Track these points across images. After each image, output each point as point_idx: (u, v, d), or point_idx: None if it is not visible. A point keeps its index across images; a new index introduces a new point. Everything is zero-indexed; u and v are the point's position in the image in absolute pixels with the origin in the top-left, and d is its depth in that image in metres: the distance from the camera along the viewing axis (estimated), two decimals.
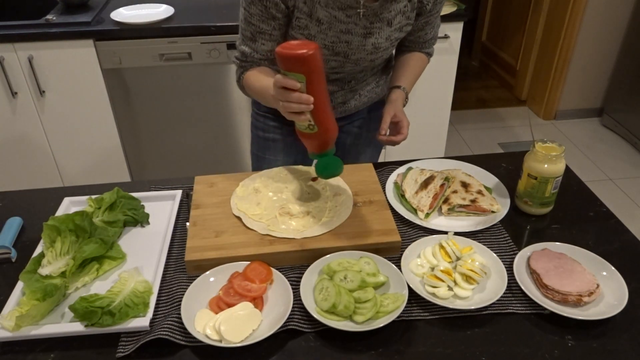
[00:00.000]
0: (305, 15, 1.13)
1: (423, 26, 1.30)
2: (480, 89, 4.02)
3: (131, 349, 0.85)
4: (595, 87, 3.43)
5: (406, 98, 1.32)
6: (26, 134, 2.30)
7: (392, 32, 1.20)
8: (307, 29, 1.15)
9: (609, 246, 1.06)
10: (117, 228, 1.09)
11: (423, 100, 2.52)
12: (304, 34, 1.16)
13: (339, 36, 1.16)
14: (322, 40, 1.16)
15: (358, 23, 1.15)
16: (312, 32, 1.15)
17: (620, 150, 3.20)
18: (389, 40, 1.21)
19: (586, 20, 3.15)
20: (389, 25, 1.18)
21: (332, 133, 1.03)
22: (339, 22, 1.14)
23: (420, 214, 1.12)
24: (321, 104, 0.96)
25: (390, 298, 0.91)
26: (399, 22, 1.19)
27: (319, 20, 1.13)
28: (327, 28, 1.15)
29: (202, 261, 0.99)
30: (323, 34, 1.15)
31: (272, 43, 1.19)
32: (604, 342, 0.87)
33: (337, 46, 1.18)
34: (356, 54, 1.20)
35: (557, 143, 1.12)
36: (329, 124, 1.01)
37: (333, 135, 1.04)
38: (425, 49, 1.38)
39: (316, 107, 0.94)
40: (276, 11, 1.13)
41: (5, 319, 0.88)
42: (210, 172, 1.24)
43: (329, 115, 1.01)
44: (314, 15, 1.13)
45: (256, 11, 1.13)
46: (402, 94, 1.30)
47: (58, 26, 2.10)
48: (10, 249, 1.05)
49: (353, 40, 1.17)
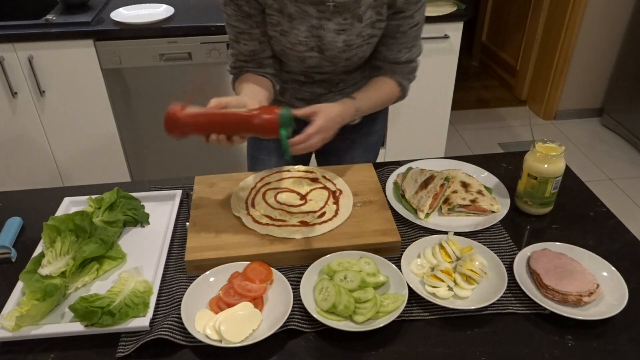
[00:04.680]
0: (277, 12, 1.13)
1: (395, 32, 1.19)
2: (480, 89, 4.02)
3: (131, 349, 0.85)
4: (595, 87, 3.43)
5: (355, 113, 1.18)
6: (26, 134, 2.30)
7: (363, 28, 1.16)
8: (279, 25, 1.15)
9: (609, 246, 1.06)
10: (117, 228, 1.09)
11: (423, 100, 2.52)
12: (278, 30, 1.16)
13: (311, 31, 1.15)
14: (296, 36, 1.16)
15: (331, 18, 1.13)
16: (285, 27, 1.15)
17: (620, 150, 3.20)
18: (361, 37, 1.17)
19: (586, 20, 3.15)
20: (360, 21, 1.14)
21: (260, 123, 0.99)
22: (310, 17, 1.13)
23: (420, 214, 1.12)
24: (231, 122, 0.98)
25: (390, 298, 0.91)
26: (370, 18, 1.15)
27: (290, 16, 1.13)
28: (299, 23, 1.14)
29: (202, 261, 0.99)
30: (296, 30, 1.15)
31: (254, 42, 1.19)
32: (604, 342, 0.87)
33: (310, 41, 1.16)
34: (330, 51, 1.18)
35: (557, 143, 1.12)
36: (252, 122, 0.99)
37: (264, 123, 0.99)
38: (397, 74, 1.26)
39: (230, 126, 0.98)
40: (249, 8, 1.13)
41: (5, 319, 0.88)
42: (210, 172, 1.24)
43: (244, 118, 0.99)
44: (284, 11, 1.13)
45: (231, 11, 1.14)
46: (349, 105, 1.16)
47: (58, 26, 2.10)
48: (10, 249, 1.05)
49: (326, 36, 1.15)
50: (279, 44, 1.19)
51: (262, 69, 1.24)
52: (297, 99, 1.35)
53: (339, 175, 1.21)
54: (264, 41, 1.20)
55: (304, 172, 1.23)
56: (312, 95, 1.33)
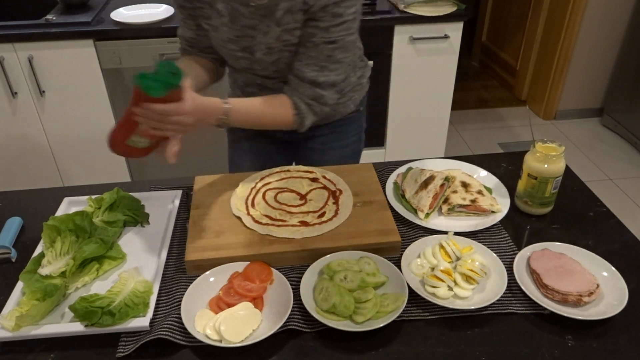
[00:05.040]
0: (207, 6, 1.14)
1: (306, 41, 1.10)
2: (480, 89, 4.02)
3: (131, 349, 0.85)
4: (595, 87, 3.43)
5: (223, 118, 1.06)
6: (26, 134, 2.30)
7: (281, 33, 1.11)
8: (210, 19, 1.15)
9: (609, 246, 1.06)
10: (117, 228, 1.09)
11: (423, 100, 2.52)
12: (210, 24, 1.16)
13: (243, 30, 1.13)
14: (227, 33, 1.15)
15: (260, 20, 1.11)
16: (216, 23, 1.15)
17: (620, 150, 3.20)
18: (280, 42, 1.12)
19: (586, 20, 3.15)
20: (278, 25, 1.10)
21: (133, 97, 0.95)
22: (242, 16, 1.11)
23: (420, 214, 1.12)
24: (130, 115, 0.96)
25: (390, 298, 0.91)
26: (288, 23, 1.09)
27: (218, 12, 1.13)
28: (229, 21, 1.13)
29: (202, 261, 0.99)
30: (226, 27, 1.14)
31: (190, 32, 1.21)
32: (604, 342, 0.87)
33: (242, 41, 1.15)
34: (257, 53, 1.16)
35: (557, 143, 1.12)
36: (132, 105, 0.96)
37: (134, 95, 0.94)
38: (297, 94, 1.14)
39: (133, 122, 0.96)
40: (183, 0, 1.15)
41: (5, 319, 0.88)
42: (210, 172, 1.23)
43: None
44: (214, 5, 1.13)
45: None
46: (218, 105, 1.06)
47: (58, 26, 2.10)
48: (10, 249, 1.05)
49: (257, 36, 1.13)
50: (213, 39, 1.20)
51: (204, 54, 1.26)
52: None
53: (339, 175, 1.21)
54: (199, 34, 1.21)
55: (304, 172, 1.23)
56: None
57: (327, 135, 1.40)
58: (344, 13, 1.05)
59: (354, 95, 1.38)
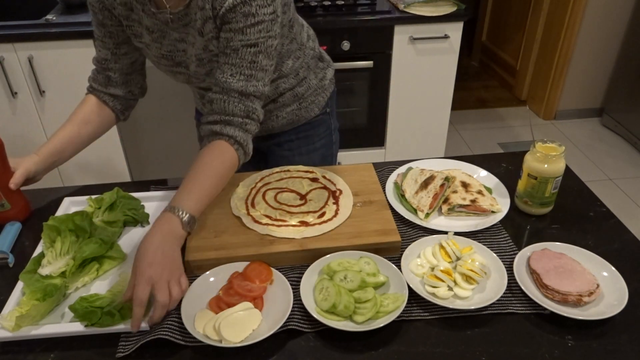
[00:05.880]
0: (137, 23, 1.11)
1: (225, 47, 1.03)
2: (480, 89, 4.02)
3: (131, 349, 0.85)
4: (595, 87, 3.43)
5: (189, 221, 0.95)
6: (26, 134, 2.30)
7: (206, 42, 1.07)
8: (142, 37, 1.13)
9: (609, 246, 1.06)
10: (117, 228, 1.09)
11: (423, 100, 2.52)
12: (142, 42, 1.14)
13: (175, 45, 1.11)
14: (158, 49, 1.13)
15: (188, 32, 1.08)
16: (146, 40, 1.13)
17: (620, 150, 3.20)
18: (208, 52, 1.08)
19: (586, 20, 3.15)
20: (201, 34, 1.06)
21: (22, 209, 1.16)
22: (171, 29, 1.09)
23: (420, 214, 1.12)
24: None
25: (390, 298, 0.91)
26: (209, 32, 1.05)
27: (148, 28, 1.11)
28: (160, 37, 1.11)
29: (202, 261, 0.99)
30: (157, 43, 1.12)
31: (106, 51, 1.17)
32: (604, 342, 0.87)
33: (175, 55, 1.13)
34: (190, 66, 1.14)
35: (557, 143, 1.12)
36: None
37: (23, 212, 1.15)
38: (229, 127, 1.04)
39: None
40: (103, 17, 1.11)
41: (5, 319, 0.88)
42: None
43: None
44: (142, 22, 1.10)
45: (91, 16, 1.14)
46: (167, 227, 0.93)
47: (58, 26, 2.10)
48: (8, 254, 1.04)
49: (188, 49, 1.11)
50: (148, 57, 1.18)
51: (108, 88, 1.21)
52: None
53: (339, 175, 1.21)
54: (117, 53, 1.17)
55: (304, 172, 1.23)
56: None
57: (294, 141, 1.37)
58: (256, 13, 1.00)
59: (316, 99, 1.35)
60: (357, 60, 2.34)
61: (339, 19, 2.23)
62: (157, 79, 2.24)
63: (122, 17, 1.11)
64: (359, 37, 2.30)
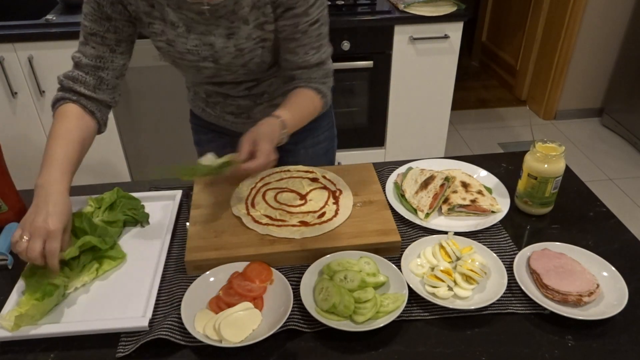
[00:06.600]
0: (159, 20, 1.09)
1: (294, 33, 1.10)
2: (480, 89, 4.02)
3: (131, 349, 0.85)
4: (595, 87, 3.43)
5: (284, 130, 1.07)
6: (26, 134, 2.30)
7: (252, 31, 1.09)
8: (164, 34, 1.11)
9: (609, 246, 1.06)
10: (117, 228, 1.09)
11: (423, 100, 2.52)
12: (164, 40, 1.12)
13: (201, 39, 1.10)
14: (183, 44, 1.11)
15: (218, 24, 1.08)
16: (170, 36, 1.11)
17: (620, 150, 3.20)
18: (252, 40, 1.10)
19: (586, 20, 3.15)
20: (246, 23, 1.08)
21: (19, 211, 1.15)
22: (197, 23, 1.09)
23: (420, 214, 1.12)
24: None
25: (390, 298, 0.91)
26: (257, 19, 1.08)
27: (173, 24, 1.09)
28: (185, 31, 1.10)
29: (202, 261, 0.99)
30: (183, 38, 1.11)
31: (104, 48, 1.11)
32: (604, 342, 0.87)
33: (202, 50, 1.12)
34: (223, 58, 1.13)
35: (557, 143, 1.12)
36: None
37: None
38: (313, 83, 1.17)
39: None
40: (112, 11, 1.07)
41: (5, 319, 0.88)
42: None
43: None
44: (167, 19, 1.09)
45: (89, 9, 1.07)
46: (273, 122, 1.07)
47: (58, 26, 2.10)
48: (7, 256, 1.04)
49: (216, 42, 1.10)
50: (168, 55, 1.16)
51: (97, 92, 1.12)
52: (226, 113, 1.33)
53: (339, 175, 1.21)
54: (116, 50, 1.13)
55: (304, 172, 1.23)
56: (240, 109, 1.30)
57: (300, 133, 1.34)
58: None
59: None
60: (357, 60, 2.35)
61: (339, 19, 2.24)
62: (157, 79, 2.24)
63: (142, 14, 1.09)
64: (359, 37, 2.30)
